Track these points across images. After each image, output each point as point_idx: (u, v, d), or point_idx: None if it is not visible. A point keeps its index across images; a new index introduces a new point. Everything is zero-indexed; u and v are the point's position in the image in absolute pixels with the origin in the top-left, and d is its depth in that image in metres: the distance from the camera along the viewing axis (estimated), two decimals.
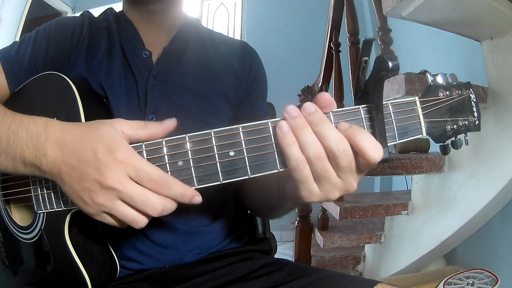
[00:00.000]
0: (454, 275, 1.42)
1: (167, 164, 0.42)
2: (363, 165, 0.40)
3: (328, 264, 1.90)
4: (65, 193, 0.44)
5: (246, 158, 0.41)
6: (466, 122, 0.44)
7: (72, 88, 0.54)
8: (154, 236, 0.63)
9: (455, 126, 0.43)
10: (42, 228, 0.55)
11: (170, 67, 0.68)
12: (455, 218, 1.39)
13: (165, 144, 0.43)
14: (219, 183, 0.42)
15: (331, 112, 0.41)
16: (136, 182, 0.41)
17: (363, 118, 0.41)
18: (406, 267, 1.61)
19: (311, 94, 2.15)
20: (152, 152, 0.43)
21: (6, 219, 0.61)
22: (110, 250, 0.58)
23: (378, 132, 0.40)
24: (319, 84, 2.09)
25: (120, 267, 0.59)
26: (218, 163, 0.41)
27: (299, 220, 1.87)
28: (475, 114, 0.44)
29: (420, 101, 0.43)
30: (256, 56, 0.78)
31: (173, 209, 0.43)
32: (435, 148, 1.63)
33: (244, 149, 0.41)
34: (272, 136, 0.41)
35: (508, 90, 1.21)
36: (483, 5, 1.05)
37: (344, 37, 1.80)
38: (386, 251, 1.75)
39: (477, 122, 0.45)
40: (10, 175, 0.58)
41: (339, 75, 1.85)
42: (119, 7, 0.74)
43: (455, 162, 1.43)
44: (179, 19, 0.73)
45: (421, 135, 0.43)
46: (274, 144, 0.41)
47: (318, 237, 1.78)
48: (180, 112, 0.65)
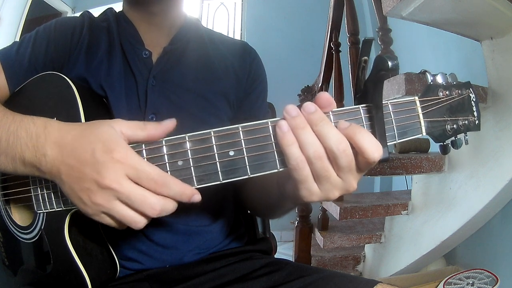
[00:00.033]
0: (454, 275, 1.42)
1: (167, 164, 0.42)
2: (362, 164, 0.40)
3: (328, 264, 1.90)
4: (65, 193, 0.44)
5: (246, 157, 0.41)
6: (466, 122, 0.44)
7: (72, 88, 0.54)
8: (154, 236, 0.63)
9: (455, 126, 0.43)
10: (42, 228, 0.55)
11: (170, 67, 0.68)
12: (455, 218, 1.39)
13: (165, 143, 0.43)
14: (219, 182, 0.42)
15: (331, 111, 0.41)
16: (134, 182, 0.41)
17: (363, 118, 0.41)
18: (406, 267, 1.61)
19: (311, 94, 2.15)
20: (152, 151, 0.43)
21: (6, 219, 0.61)
22: (110, 250, 0.58)
23: (377, 131, 0.40)
24: (319, 84, 2.09)
25: (120, 267, 0.59)
26: (218, 162, 0.41)
27: (299, 220, 1.87)
28: (475, 113, 0.44)
29: (419, 101, 0.43)
30: (256, 56, 0.78)
31: (172, 210, 0.43)
32: (435, 148, 1.63)
33: (244, 149, 0.41)
34: (272, 135, 0.41)
35: (508, 90, 1.21)
36: (483, 5, 1.05)
37: (344, 37, 1.80)
38: (386, 251, 1.75)
39: (477, 122, 0.45)
40: (10, 175, 0.58)
41: (339, 75, 1.85)
42: (119, 7, 0.74)
43: (455, 162, 1.43)
44: (179, 19, 0.73)
45: (421, 135, 0.43)
46: (274, 143, 0.41)
47: (318, 237, 1.78)
48: (180, 112, 0.65)
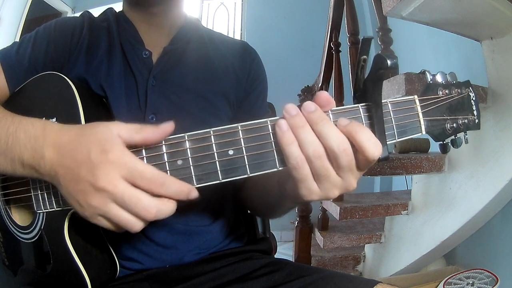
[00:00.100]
0: (454, 275, 1.42)
1: (166, 163, 0.42)
2: (362, 163, 0.40)
3: (328, 264, 1.90)
4: (63, 195, 0.44)
5: (245, 157, 0.41)
6: (466, 121, 0.44)
7: (72, 88, 0.54)
8: (154, 236, 0.63)
9: (454, 125, 0.43)
10: (42, 228, 0.55)
11: (170, 67, 0.68)
12: (455, 218, 1.39)
13: (164, 143, 0.42)
14: (218, 182, 0.42)
15: (330, 111, 0.41)
16: (131, 183, 0.40)
17: (362, 117, 0.41)
18: (406, 267, 1.61)
19: (311, 94, 2.15)
20: (151, 150, 0.43)
21: (6, 219, 0.61)
22: (110, 250, 0.58)
23: (377, 130, 0.40)
24: (319, 84, 2.09)
25: (120, 267, 0.59)
26: (217, 162, 0.41)
27: (299, 220, 1.87)
28: (475, 112, 0.44)
29: (419, 100, 0.43)
30: (256, 56, 0.78)
31: (170, 213, 0.42)
32: (435, 148, 1.63)
33: (243, 148, 0.41)
34: (272, 134, 0.41)
35: (508, 90, 1.21)
36: (483, 5, 1.05)
37: (344, 37, 1.80)
38: (386, 251, 1.75)
39: (476, 121, 0.45)
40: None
41: (339, 75, 1.85)
42: (119, 7, 0.73)
43: (455, 162, 1.43)
44: (179, 19, 0.73)
45: (420, 134, 0.43)
46: (273, 142, 0.41)
47: (318, 237, 1.78)
48: (180, 112, 0.66)
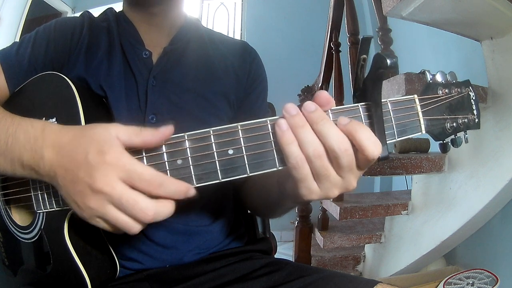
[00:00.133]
0: (454, 275, 1.42)
1: (166, 163, 0.42)
2: (362, 162, 0.40)
3: (328, 264, 1.90)
4: (62, 197, 0.44)
5: (245, 156, 0.41)
6: (466, 120, 0.44)
7: (72, 88, 0.54)
8: (154, 236, 0.63)
9: (454, 124, 0.43)
10: (42, 228, 0.55)
11: (170, 67, 0.68)
12: (455, 218, 1.39)
13: (164, 142, 0.43)
14: (218, 181, 0.42)
15: (330, 110, 0.41)
16: (128, 184, 0.40)
17: (362, 116, 0.41)
18: (406, 267, 1.61)
19: (311, 94, 2.15)
20: (151, 150, 0.43)
21: (6, 219, 0.61)
22: (110, 250, 0.58)
23: (377, 129, 0.40)
24: (319, 84, 2.09)
25: (120, 266, 0.59)
26: (217, 161, 0.41)
27: (299, 220, 1.87)
28: (475, 112, 0.44)
29: (419, 99, 0.43)
30: (256, 56, 0.78)
31: (169, 214, 0.41)
32: (435, 148, 1.63)
33: (243, 147, 0.41)
34: (271, 134, 0.41)
35: (508, 90, 1.21)
36: (483, 5, 1.05)
37: (344, 37, 1.80)
38: (386, 251, 1.75)
39: (476, 120, 0.45)
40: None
41: (339, 75, 1.85)
42: (119, 7, 0.73)
43: (455, 162, 1.43)
44: (179, 19, 0.73)
45: (420, 133, 0.43)
46: (273, 142, 0.41)
47: (318, 237, 1.78)
48: (180, 112, 0.66)
